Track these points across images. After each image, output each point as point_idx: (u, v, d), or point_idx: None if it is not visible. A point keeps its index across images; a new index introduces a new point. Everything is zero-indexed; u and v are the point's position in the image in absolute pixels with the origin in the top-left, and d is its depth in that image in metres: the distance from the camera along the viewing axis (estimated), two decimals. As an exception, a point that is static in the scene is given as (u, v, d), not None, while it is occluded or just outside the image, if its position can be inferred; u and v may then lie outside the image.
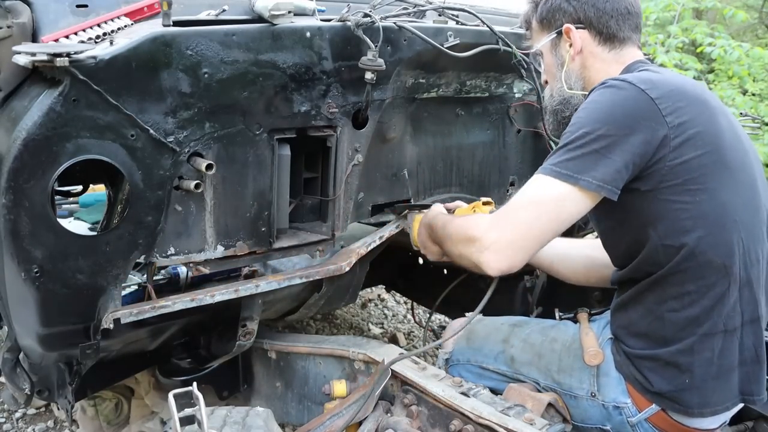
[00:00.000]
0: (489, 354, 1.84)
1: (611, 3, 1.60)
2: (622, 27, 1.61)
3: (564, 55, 1.66)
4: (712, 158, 1.44)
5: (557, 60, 1.68)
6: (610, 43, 1.62)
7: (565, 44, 1.66)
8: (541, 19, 1.70)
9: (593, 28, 1.62)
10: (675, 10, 6.59)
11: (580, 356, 1.69)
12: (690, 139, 1.41)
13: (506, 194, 2.40)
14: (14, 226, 1.38)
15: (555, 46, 1.68)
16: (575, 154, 1.40)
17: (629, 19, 1.62)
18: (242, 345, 1.93)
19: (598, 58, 1.63)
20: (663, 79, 1.48)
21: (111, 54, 1.37)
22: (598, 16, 1.60)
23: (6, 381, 1.79)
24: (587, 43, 1.63)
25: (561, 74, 1.67)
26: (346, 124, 1.80)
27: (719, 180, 1.44)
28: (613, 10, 1.60)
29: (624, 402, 1.60)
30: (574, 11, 1.62)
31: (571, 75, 1.66)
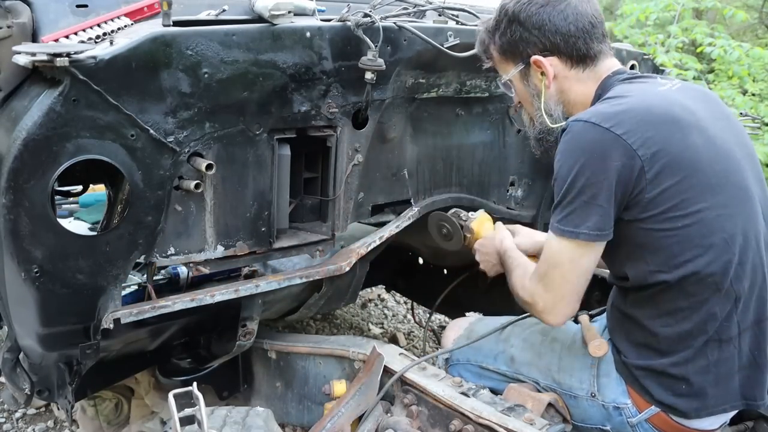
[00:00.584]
0: (489, 354, 1.84)
1: (574, 23, 1.53)
2: (591, 44, 1.55)
3: (538, 84, 1.61)
4: (690, 182, 1.42)
5: (531, 90, 1.64)
6: (583, 63, 1.57)
7: (536, 73, 1.60)
8: (503, 51, 1.64)
9: (562, 53, 1.56)
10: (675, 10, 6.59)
11: (580, 356, 1.69)
12: (665, 167, 1.40)
13: (506, 194, 2.40)
14: (14, 226, 1.38)
15: (525, 76, 1.63)
16: (569, 208, 1.45)
17: (595, 33, 1.56)
18: (242, 345, 1.93)
19: (575, 80, 1.59)
20: (628, 109, 1.44)
21: (111, 54, 1.37)
22: (564, 40, 1.54)
23: (6, 381, 1.79)
24: (560, 69, 1.57)
25: (539, 104, 1.62)
26: (346, 124, 1.80)
27: (701, 202, 1.43)
28: (578, 31, 1.54)
29: (624, 403, 1.60)
30: (539, 40, 1.55)
31: (550, 103, 1.61)
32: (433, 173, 2.16)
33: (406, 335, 3.80)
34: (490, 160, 2.31)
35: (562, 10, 1.53)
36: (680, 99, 1.52)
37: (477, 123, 2.22)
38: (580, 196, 1.42)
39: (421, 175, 2.13)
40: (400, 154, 2.04)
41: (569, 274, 1.50)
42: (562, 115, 1.62)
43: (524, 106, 1.72)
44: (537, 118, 1.66)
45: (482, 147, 2.27)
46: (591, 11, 1.56)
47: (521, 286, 1.63)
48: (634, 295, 1.55)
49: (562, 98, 1.61)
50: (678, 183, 1.41)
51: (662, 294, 1.48)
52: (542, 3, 1.54)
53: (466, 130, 2.21)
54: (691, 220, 1.42)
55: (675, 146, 1.42)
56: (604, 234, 1.44)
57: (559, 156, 1.47)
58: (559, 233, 1.47)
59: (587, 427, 1.68)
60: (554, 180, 1.49)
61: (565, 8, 1.53)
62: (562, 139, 1.48)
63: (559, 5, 1.53)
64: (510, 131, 2.33)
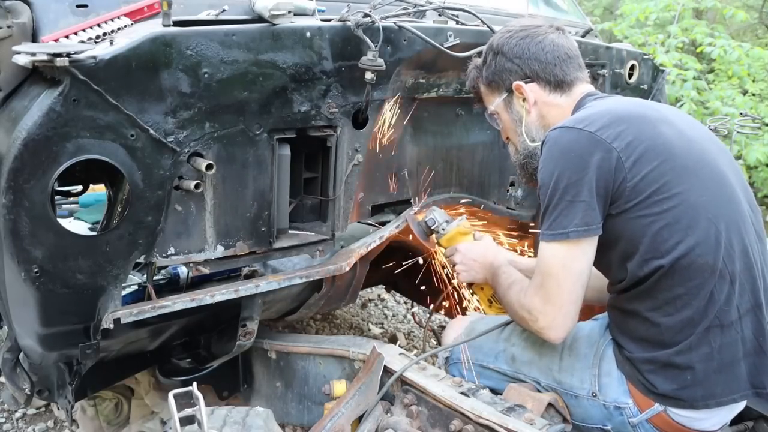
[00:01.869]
0: (489, 353, 1.85)
1: (551, 53, 1.68)
2: (567, 71, 1.70)
3: (520, 111, 1.75)
4: (668, 166, 1.49)
5: (514, 117, 1.77)
6: (560, 89, 1.71)
7: (518, 100, 1.74)
8: (489, 82, 1.78)
9: (541, 79, 1.70)
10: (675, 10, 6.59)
11: (581, 356, 1.69)
12: (641, 155, 1.48)
13: (506, 194, 2.40)
14: (14, 226, 1.38)
15: (509, 104, 1.77)
16: (556, 212, 1.51)
17: (571, 63, 1.71)
18: (242, 345, 1.93)
19: (553, 105, 1.71)
20: (597, 112, 1.56)
21: (111, 54, 1.37)
22: (542, 67, 1.69)
23: (6, 381, 1.79)
24: (539, 95, 1.71)
25: (521, 129, 1.76)
26: (346, 124, 1.80)
27: (683, 183, 1.49)
28: (554, 59, 1.69)
29: (625, 402, 1.60)
30: (519, 68, 1.70)
31: (531, 127, 1.74)
32: (433, 173, 2.16)
33: (406, 335, 3.80)
34: (490, 160, 2.31)
35: (539, 42, 1.69)
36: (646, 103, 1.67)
37: (477, 123, 2.22)
38: (565, 197, 1.49)
39: (421, 175, 2.13)
40: (400, 154, 2.04)
41: (564, 280, 1.54)
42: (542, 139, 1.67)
43: (510, 137, 1.83)
44: (520, 144, 1.78)
45: (482, 147, 2.27)
46: (567, 45, 1.72)
47: (519, 304, 1.67)
48: (633, 291, 1.56)
49: (542, 123, 1.73)
50: (656, 168, 1.48)
51: (659, 283, 1.51)
52: (522, 36, 1.70)
53: (466, 130, 2.21)
54: (676, 201, 1.48)
55: (647, 135, 1.52)
56: (592, 228, 1.50)
57: (541, 165, 1.56)
58: (548, 239, 1.53)
59: (588, 426, 1.68)
60: (539, 190, 1.56)
61: (543, 40, 1.69)
62: (543, 150, 1.57)
63: (537, 38, 1.69)
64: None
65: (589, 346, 1.71)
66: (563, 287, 1.54)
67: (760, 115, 5.35)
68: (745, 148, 5.47)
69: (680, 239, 1.47)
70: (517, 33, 1.71)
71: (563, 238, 1.50)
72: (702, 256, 1.48)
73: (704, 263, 1.48)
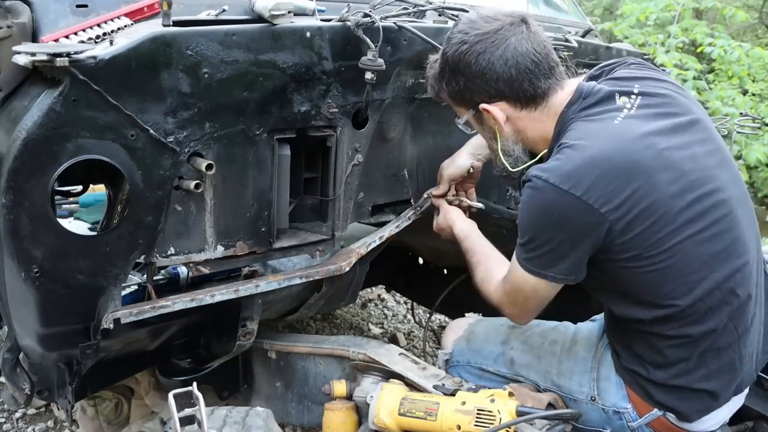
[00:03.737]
0: (488, 356, 1.84)
1: (515, 66, 1.47)
2: (537, 83, 1.49)
3: (493, 127, 1.59)
4: (662, 223, 1.39)
5: (487, 133, 1.63)
6: (533, 103, 1.52)
7: (488, 118, 1.57)
8: (452, 98, 1.61)
9: (509, 97, 1.51)
10: (675, 10, 6.60)
11: (580, 359, 1.69)
12: (634, 218, 1.38)
13: (506, 194, 2.40)
14: (14, 226, 1.37)
15: (479, 120, 1.61)
16: (534, 254, 1.47)
17: (539, 70, 1.49)
18: (242, 345, 1.93)
19: (528, 119, 1.54)
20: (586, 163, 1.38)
21: (111, 54, 1.37)
22: (508, 85, 1.49)
23: (6, 381, 1.79)
24: (510, 112, 1.54)
25: (497, 146, 1.61)
26: (346, 124, 1.80)
27: (677, 237, 1.40)
28: (519, 74, 1.47)
29: (624, 407, 1.60)
30: (482, 89, 1.51)
31: (508, 143, 1.60)
32: (433, 173, 2.16)
33: (406, 335, 3.80)
34: (490, 159, 2.30)
35: (501, 55, 1.46)
36: (640, 129, 1.43)
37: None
38: (543, 247, 1.45)
39: (421, 175, 2.13)
40: (400, 154, 2.04)
41: (532, 298, 1.55)
42: (522, 152, 1.61)
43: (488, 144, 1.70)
44: (496, 160, 1.66)
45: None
46: (531, 48, 1.48)
47: (487, 288, 1.68)
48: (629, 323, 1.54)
49: (519, 137, 1.58)
50: (650, 227, 1.39)
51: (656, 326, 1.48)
52: (480, 50, 1.47)
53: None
54: (667, 254, 1.40)
55: (641, 192, 1.38)
56: (571, 278, 1.48)
57: (522, 206, 1.48)
58: (523, 267, 1.51)
59: (587, 429, 1.68)
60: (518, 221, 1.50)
61: (504, 52, 1.46)
62: (524, 191, 1.45)
63: (497, 50, 1.46)
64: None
65: (588, 350, 1.70)
66: (530, 302, 1.57)
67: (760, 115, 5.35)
68: (745, 148, 5.47)
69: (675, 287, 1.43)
70: (474, 47, 1.48)
71: (539, 276, 1.48)
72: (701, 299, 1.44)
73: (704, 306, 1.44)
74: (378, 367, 1.77)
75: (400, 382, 1.70)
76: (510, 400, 1.49)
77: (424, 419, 1.54)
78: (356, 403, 1.76)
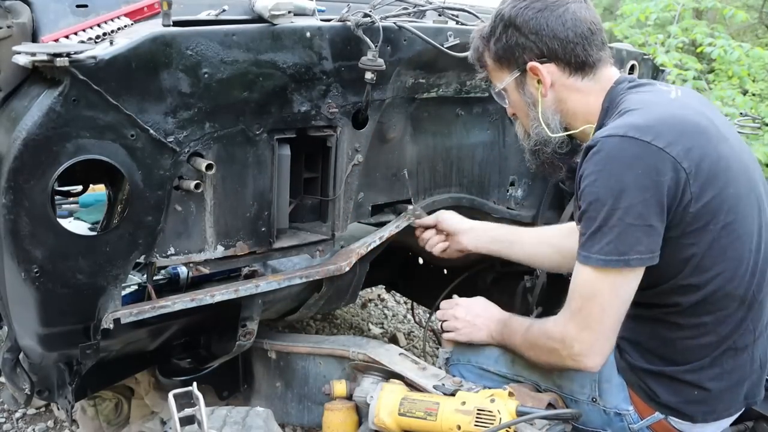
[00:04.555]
0: (489, 356, 1.84)
1: (573, 29, 1.47)
2: (590, 51, 1.49)
3: (534, 93, 1.54)
4: (726, 193, 1.38)
5: (526, 98, 1.56)
6: (582, 71, 1.50)
7: (532, 81, 1.53)
8: (498, 57, 1.56)
9: (560, 60, 1.49)
10: (675, 10, 6.59)
11: None
12: (707, 179, 1.35)
13: (506, 194, 2.40)
14: (14, 226, 1.37)
15: (521, 84, 1.56)
16: (612, 234, 1.33)
17: (594, 40, 1.49)
18: (242, 345, 1.93)
19: (573, 89, 1.51)
20: (660, 120, 1.37)
21: (111, 54, 1.37)
22: (562, 46, 1.47)
23: (6, 381, 1.79)
24: (557, 77, 1.50)
25: (536, 113, 1.55)
26: (346, 124, 1.80)
27: (735, 213, 1.39)
28: (576, 37, 1.47)
29: (626, 409, 1.59)
30: (535, 46, 1.49)
31: (547, 112, 1.54)
32: (433, 173, 2.16)
33: (406, 335, 3.80)
34: (490, 160, 2.30)
35: (560, 15, 1.47)
36: (695, 107, 1.46)
37: (477, 123, 2.22)
38: (626, 218, 1.32)
39: (421, 175, 2.13)
40: (400, 154, 2.04)
41: (610, 306, 1.39)
42: (559, 125, 1.56)
43: (519, 117, 1.66)
44: (533, 129, 1.58)
45: (482, 147, 2.27)
46: (590, 17, 1.49)
47: (546, 336, 1.52)
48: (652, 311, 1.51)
49: (559, 107, 1.54)
50: (717, 195, 1.36)
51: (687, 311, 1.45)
52: (539, 7, 1.48)
53: (466, 130, 2.21)
54: (726, 231, 1.38)
55: (711, 156, 1.36)
56: (655, 256, 1.35)
57: (593, 177, 1.36)
58: (600, 264, 1.36)
59: (587, 430, 1.67)
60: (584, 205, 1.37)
61: (564, 13, 1.47)
62: (593, 159, 1.36)
63: (557, 10, 1.47)
64: (510, 131, 2.33)
65: None
66: (608, 313, 1.39)
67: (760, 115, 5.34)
68: (745, 148, 5.46)
69: (720, 271, 1.40)
70: (533, 3, 1.48)
71: (619, 266, 1.34)
72: (737, 288, 1.42)
73: (737, 294, 1.43)
74: (378, 367, 1.77)
75: (400, 382, 1.70)
76: (510, 400, 1.49)
77: (424, 419, 1.54)
78: (356, 403, 1.76)
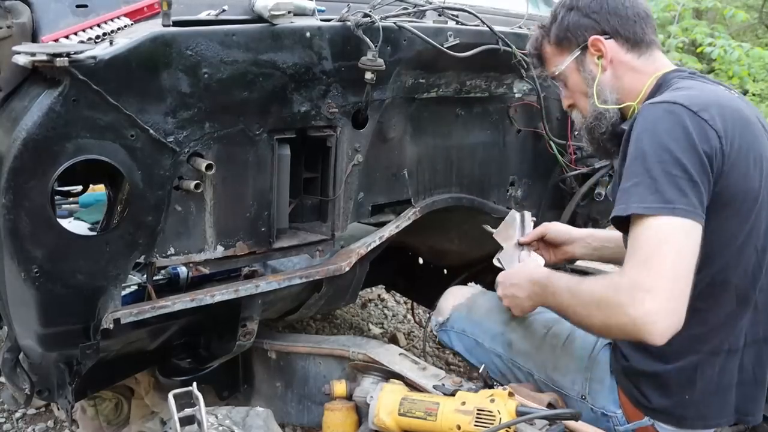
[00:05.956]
0: (488, 331, 1.83)
1: (632, 8, 1.58)
2: (647, 31, 1.59)
3: (593, 69, 1.61)
4: (754, 183, 1.40)
5: (586, 76, 1.62)
6: (638, 49, 1.59)
7: (592, 58, 1.61)
8: (559, 40, 1.65)
9: (620, 36, 1.58)
10: (675, 10, 6.59)
11: (576, 357, 1.69)
12: (736, 162, 1.37)
13: (506, 194, 2.40)
14: (14, 226, 1.37)
15: (581, 63, 1.63)
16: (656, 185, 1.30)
17: (649, 22, 1.61)
18: (242, 345, 1.93)
19: (629, 67, 1.59)
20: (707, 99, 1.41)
21: (111, 54, 1.37)
22: (622, 23, 1.58)
23: (6, 381, 1.79)
24: (616, 53, 1.58)
25: (593, 89, 1.60)
26: (346, 124, 1.80)
27: (751, 205, 1.41)
28: (635, 15, 1.58)
29: (613, 411, 1.59)
30: (596, 23, 1.59)
31: (605, 88, 1.60)
32: (433, 173, 2.16)
33: (406, 335, 3.80)
34: (490, 160, 2.30)
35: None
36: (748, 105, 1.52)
37: (477, 123, 2.22)
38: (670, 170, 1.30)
39: (421, 175, 2.13)
40: (400, 154, 2.04)
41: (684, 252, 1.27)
42: (615, 101, 1.60)
43: (576, 102, 1.69)
44: (589, 106, 1.63)
45: (482, 147, 2.27)
46: (644, 3, 1.61)
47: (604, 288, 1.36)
48: None
49: (616, 85, 1.60)
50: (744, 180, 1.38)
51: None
52: None
53: (466, 130, 2.21)
54: (738, 220, 1.40)
55: (748, 139, 1.40)
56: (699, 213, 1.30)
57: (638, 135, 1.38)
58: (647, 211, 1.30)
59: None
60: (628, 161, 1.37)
61: None
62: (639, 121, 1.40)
63: None
64: (510, 131, 2.33)
65: (584, 348, 1.70)
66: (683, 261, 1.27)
67: (760, 115, 5.34)
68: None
69: (725, 257, 1.41)
70: None
71: (668, 213, 1.28)
72: (737, 279, 1.43)
73: (734, 286, 1.44)
74: (378, 367, 1.77)
75: (400, 382, 1.70)
76: (510, 400, 1.49)
77: (424, 419, 1.54)
78: (356, 403, 1.76)
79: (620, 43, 1.58)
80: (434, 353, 3.41)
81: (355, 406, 1.76)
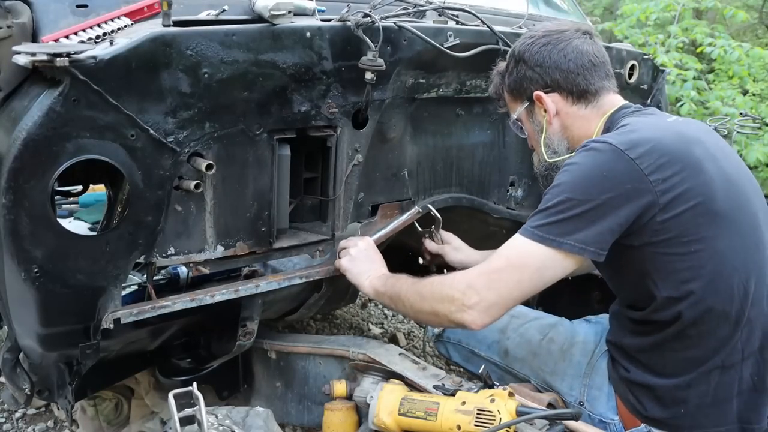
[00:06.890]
0: (483, 340, 1.83)
1: (573, 61, 1.60)
2: (591, 80, 1.61)
3: (541, 121, 1.66)
4: (703, 209, 1.42)
5: (536, 126, 1.69)
6: (584, 99, 1.62)
7: (539, 110, 1.66)
8: (510, 89, 1.71)
9: (562, 89, 1.61)
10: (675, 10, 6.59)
11: (574, 363, 1.69)
12: (679, 195, 1.40)
13: (506, 194, 2.40)
14: (14, 226, 1.37)
15: (531, 114, 1.69)
16: (558, 218, 1.41)
17: (596, 71, 1.61)
18: (242, 345, 1.93)
19: (577, 116, 1.63)
20: (643, 137, 1.45)
21: (111, 54, 1.37)
22: (564, 76, 1.60)
23: (6, 381, 1.79)
24: (561, 105, 1.63)
25: (542, 139, 1.67)
26: (346, 124, 1.80)
27: (713, 229, 1.42)
28: (577, 67, 1.60)
29: (611, 418, 1.60)
30: (540, 77, 1.62)
31: (553, 139, 1.66)
32: (433, 173, 2.16)
33: (406, 335, 3.80)
34: (490, 160, 2.30)
35: (562, 49, 1.60)
36: (688, 131, 1.54)
37: (477, 123, 2.22)
38: (575, 209, 1.40)
39: (421, 175, 2.13)
40: (400, 154, 2.04)
41: (528, 281, 1.45)
42: (565, 150, 1.64)
43: (534, 146, 1.75)
44: (542, 155, 1.69)
45: (482, 147, 2.27)
46: (592, 51, 1.62)
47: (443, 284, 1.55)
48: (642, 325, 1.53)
49: (566, 134, 1.65)
50: (691, 209, 1.41)
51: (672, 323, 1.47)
52: (544, 42, 1.62)
53: (466, 130, 2.21)
54: (703, 245, 1.41)
55: (689, 175, 1.42)
56: (590, 250, 1.41)
57: (565, 167, 1.46)
58: (535, 238, 1.43)
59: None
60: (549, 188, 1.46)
61: (566, 47, 1.60)
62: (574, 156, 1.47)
63: (560, 44, 1.60)
64: (510, 131, 2.33)
65: (584, 355, 1.70)
66: (521, 287, 1.45)
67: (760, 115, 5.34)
68: (745, 148, 5.47)
69: (702, 284, 1.42)
70: (539, 39, 1.63)
71: (553, 245, 1.40)
72: (720, 304, 1.44)
73: (720, 311, 1.44)
74: (378, 367, 1.77)
75: (400, 382, 1.70)
76: (510, 400, 1.49)
77: (424, 419, 1.54)
78: (356, 403, 1.76)
79: (564, 95, 1.62)
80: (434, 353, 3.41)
81: (355, 406, 1.76)
